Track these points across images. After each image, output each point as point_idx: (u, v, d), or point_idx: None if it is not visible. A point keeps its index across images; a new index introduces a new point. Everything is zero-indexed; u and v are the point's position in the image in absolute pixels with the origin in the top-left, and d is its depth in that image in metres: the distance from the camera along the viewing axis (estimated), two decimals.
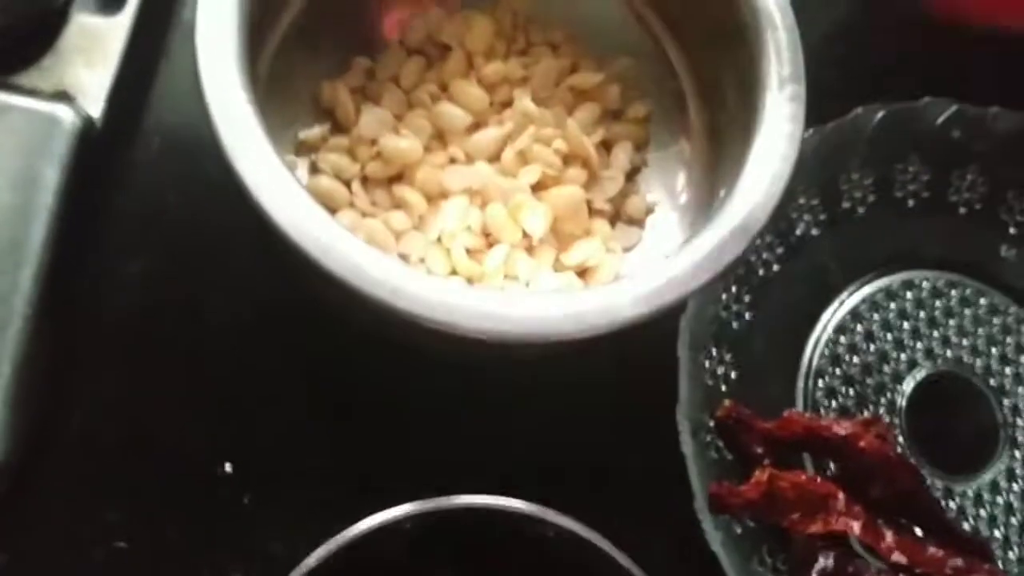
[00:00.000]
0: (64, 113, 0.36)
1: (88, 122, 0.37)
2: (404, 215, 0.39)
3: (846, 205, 0.46)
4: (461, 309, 0.30)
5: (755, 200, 0.33)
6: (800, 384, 0.44)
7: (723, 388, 0.42)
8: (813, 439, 0.39)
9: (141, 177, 0.40)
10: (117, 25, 0.39)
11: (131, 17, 0.39)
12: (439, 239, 0.39)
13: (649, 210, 0.41)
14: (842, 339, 0.45)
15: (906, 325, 0.46)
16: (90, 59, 0.38)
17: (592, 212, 0.41)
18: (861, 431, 0.39)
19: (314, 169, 0.39)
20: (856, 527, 0.37)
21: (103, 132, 0.37)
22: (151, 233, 0.39)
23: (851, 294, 0.46)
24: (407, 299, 0.30)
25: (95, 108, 0.38)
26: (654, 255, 0.40)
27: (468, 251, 0.39)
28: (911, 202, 0.47)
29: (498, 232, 0.39)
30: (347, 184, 0.39)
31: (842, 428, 0.39)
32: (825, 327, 0.45)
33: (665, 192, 0.41)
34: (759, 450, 0.39)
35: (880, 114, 0.45)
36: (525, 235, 0.39)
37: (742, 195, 0.33)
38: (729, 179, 0.34)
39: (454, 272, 0.39)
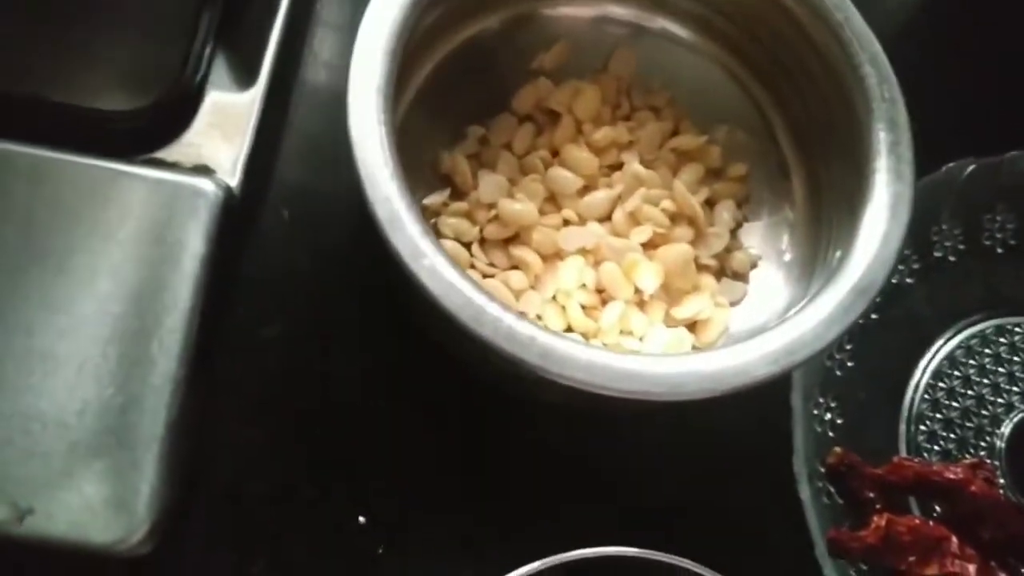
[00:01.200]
0: (206, 185, 0.39)
1: (228, 192, 0.39)
2: (522, 274, 0.41)
3: (938, 254, 0.48)
4: (609, 371, 0.31)
5: (873, 261, 0.35)
6: (902, 429, 0.45)
7: (831, 434, 0.43)
8: (924, 483, 0.41)
9: (271, 245, 0.42)
10: (249, 99, 0.41)
11: (262, 91, 0.41)
12: (555, 297, 0.41)
13: (753, 264, 0.43)
14: (940, 384, 0.46)
15: (1001, 369, 0.47)
16: (226, 133, 0.41)
17: (699, 268, 0.42)
18: (971, 475, 0.40)
19: (436, 233, 0.41)
20: (972, 570, 0.38)
21: (241, 201, 0.40)
22: (284, 299, 0.41)
23: (947, 341, 0.47)
24: (558, 363, 0.31)
25: (233, 179, 0.40)
26: (759, 308, 0.42)
27: (583, 307, 0.41)
28: (1000, 249, 0.49)
29: (612, 289, 0.41)
30: (467, 246, 0.41)
31: (953, 473, 0.40)
32: (924, 373, 0.46)
33: (769, 249, 0.42)
34: (870, 495, 0.41)
35: (970, 168, 0.47)
36: (637, 291, 0.41)
37: (860, 256, 0.35)
38: (842, 240, 0.36)
39: (570, 328, 0.41)
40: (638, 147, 0.43)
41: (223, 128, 0.41)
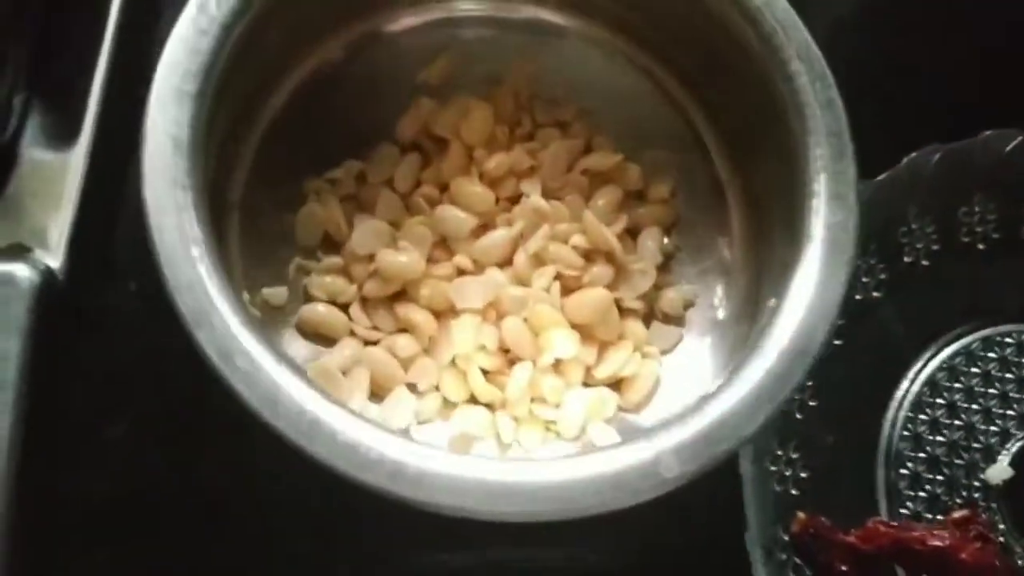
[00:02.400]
0: (19, 271, 0.32)
1: (48, 276, 0.33)
2: (411, 339, 0.35)
3: (908, 259, 0.41)
4: (480, 490, 0.25)
5: (808, 315, 0.28)
6: (880, 474, 0.39)
7: (793, 492, 0.37)
8: (905, 552, 0.34)
9: (116, 325, 0.35)
10: (72, 160, 0.35)
11: (87, 149, 0.35)
12: (454, 361, 0.35)
13: (687, 304, 0.36)
14: (921, 416, 0.39)
15: (993, 390, 0.40)
16: (45, 202, 0.34)
17: (623, 312, 0.36)
18: (961, 540, 0.34)
19: (307, 295, 0.35)
20: None
21: (66, 284, 0.33)
22: (131, 389, 0.35)
23: (925, 363, 0.40)
24: (410, 484, 0.25)
25: (55, 258, 0.34)
26: (696, 359, 0.35)
27: (486, 372, 0.34)
28: (981, 246, 0.42)
29: (518, 348, 0.35)
30: (345, 308, 0.35)
31: (938, 539, 0.34)
32: (900, 405, 0.40)
33: (704, 288, 0.36)
34: (843, 568, 0.34)
35: (937, 156, 0.40)
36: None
37: (793, 309, 0.29)
38: (775, 288, 0.29)
39: (473, 399, 0.34)
40: (541, 173, 0.37)
41: (41, 195, 0.34)
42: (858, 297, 0.40)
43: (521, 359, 0.35)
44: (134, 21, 0.37)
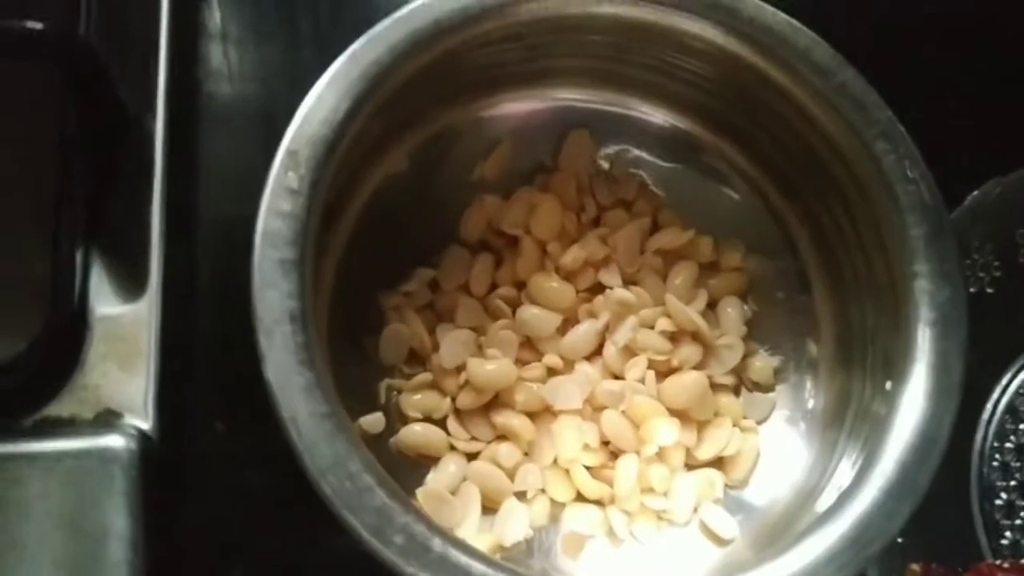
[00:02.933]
0: (115, 442, 0.31)
1: (143, 440, 0.32)
2: (511, 446, 0.34)
3: (973, 290, 0.41)
4: None
5: (935, 396, 0.29)
6: (975, 508, 0.39)
7: (899, 540, 0.37)
8: None
9: (210, 473, 0.35)
10: (144, 311, 0.34)
11: (156, 297, 0.34)
12: (555, 461, 0.34)
13: (777, 371, 0.36)
14: (1007, 444, 0.40)
15: None
16: (124, 360, 0.33)
17: (714, 387, 0.36)
18: None
19: (401, 415, 0.35)
20: None
21: (161, 443, 0.33)
22: (240, 540, 0.34)
23: (1003, 391, 0.41)
24: None
25: (146, 420, 0.33)
26: (792, 424, 0.35)
27: (590, 469, 0.34)
28: None
29: (619, 441, 0.34)
30: (440, 423, 0.35)
31: None
32: (985, 436, 0.40)
33: (789, 399, 0.36)
34: None
35: (998, 190, 0.40)
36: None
37: (915, 393, 0.29)
38: (885, 375, 0.30)
39: (580, 497, 0.34)
40: (616, 258, 0.36)
41: (119, 354, 0.33)
42: None
43: (623, 451, 0.35)
44: (177, 160, 0.36)
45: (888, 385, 0.30)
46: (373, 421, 0.34)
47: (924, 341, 0.29)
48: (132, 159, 0.35)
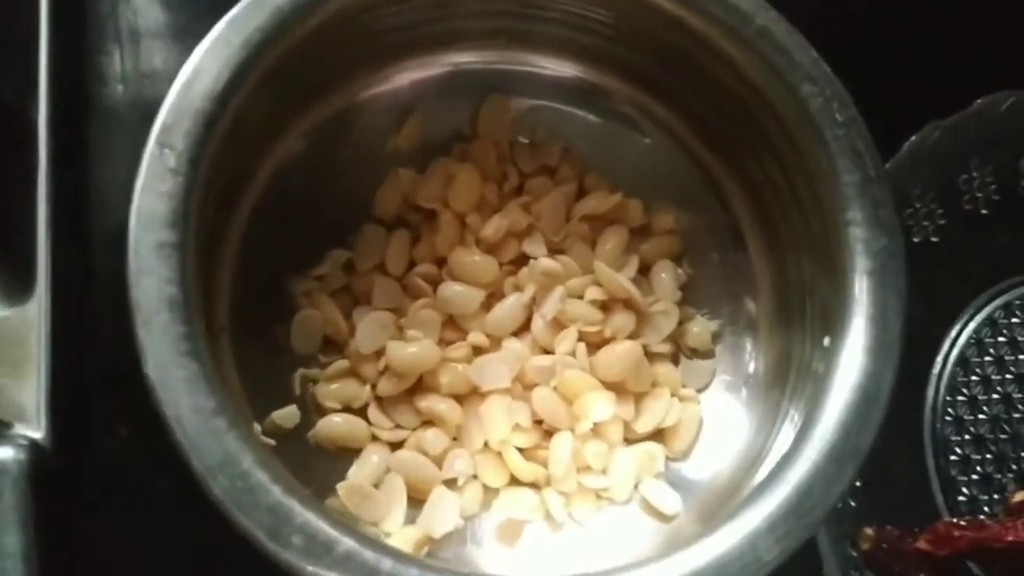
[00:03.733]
0: (4, 453, 0.29)
1: (35, 451, 0.29)
2: (438, 432, 0.32)
3: (916, 239, 0.39)
4: None
5: (874, 349, 0.27)
6: (931, 464, 0.37)
7: (852, 504, 0.35)
8: (979, 551, 0.33)
9: (114, 479, 0.32)
10: (31, 313, 0.31)
11: (45, 298, 0.31)
12: (485, 444, 0.32)
13: (715, 335, 0.35)
14: (959, 398, 0.39)
15: (1023, 355, 0.39)
16: (12, 366, 0.31)
17: (650, 357, 0.34)
18: None
19: (318, 407, 0.32)
20: None
21: (55, 452, 0.30)
22: (151, 545, 0.32)
23: (953, 343, 0.39)
24: None
25: (38, 428, 0.30)
26: (732, 395, 0.34)
27: (523, 451, 0.32)
28: (984, 211, 0.41)
29: (553, 420, 0.33)
30: (361, 412, 0.32)
31: (1012, 532, 0.33)
32: (937, 391, 0.39)
33: (729, 363, 0.34)
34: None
35: (1010, 101, 0.39)
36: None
37: (855, 345, 0.27)
38: (823, 330, 0.28)
39: (514, 481, 0.32)
40: (541, 227, 0.34)
41: (7, 360, 0.31)
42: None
43: (557, 429, 0.33)
44: (65, 155, 0.33)
45: (826, 341, 0.28)
46: (287, 415, 0.32)
47: (861, 293, 0.27)
48: (13, 154, 0.33)
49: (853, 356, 0.27)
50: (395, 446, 0.33)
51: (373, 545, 0.24)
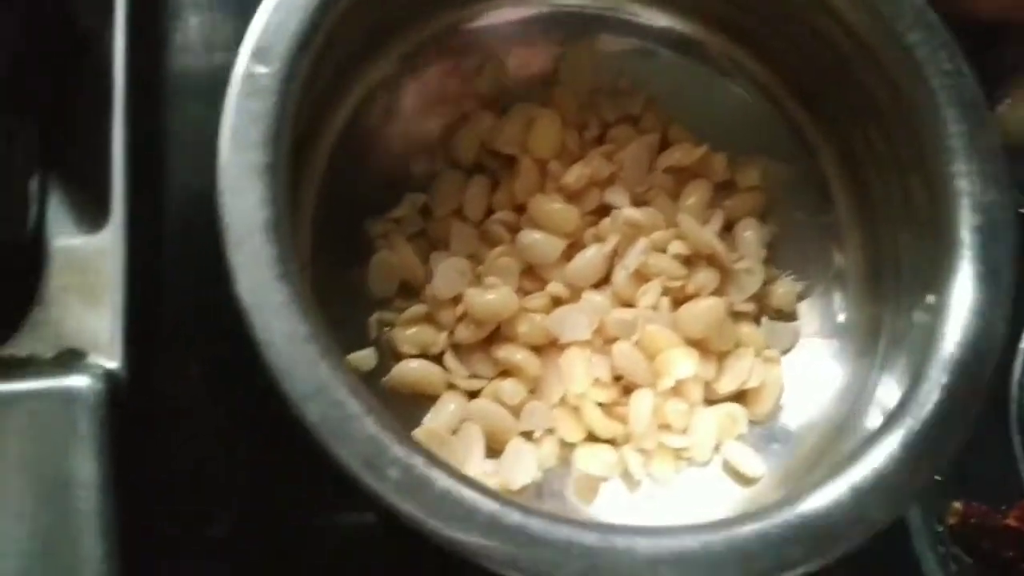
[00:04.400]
0: (79, 382, 0.28)
1: (110, 380, 0.29)
2: (515, 382, 0.31)
3: None
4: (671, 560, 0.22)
5: (982, 306, 0.26)
6: (1016, 445, 0.36)
7: (937, 478, 0.34)
8: None
9: (187, 417, 0.32)
10: (107, 242, 0.30)
11: (120, 227, 0.31)
12: (563, 399, 0.31)
13: (801, 296, 0.33)
14: None
15: None
16: (87, 294, 0.30)
17: (733, 316, 0.33)
18: None
19: (394, 351, 0.31)
20: None
21: (130, 383, 0.29)
22: (223, 484, 0.31)
23: None
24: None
25: (113, 358, 0.29)
26: (818, 357, 0.33)
27: (601, 406, 0.31)
28: None
29: (632, 375, 0.32)
30: (438, 359, 0.32)
31: None
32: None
33: (816, 314, 0.33)
34: (1009, 554, 0.32)
35: None
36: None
37: (962, 301, 0.26)
38: (925, 289, 0.27)
39: (591, 436, 0.31)
40: (622, 177, 0.33)
41: (82, 288, 0.30)
42: None
43: (637, 386, 0.32)
44: (141, 80, 0.32)
45: (930, 299, 0.27)
46: (364, 357, 0.31)
47: (968, 248, 0.26)
48: (90, 80, 0.32)
49: (960, 314, 0.26)
50: (471, 395, 0.32)
51: (472, 484, 0.23)
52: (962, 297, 0.26)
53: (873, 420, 0.29)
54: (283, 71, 0.25)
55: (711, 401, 0.32)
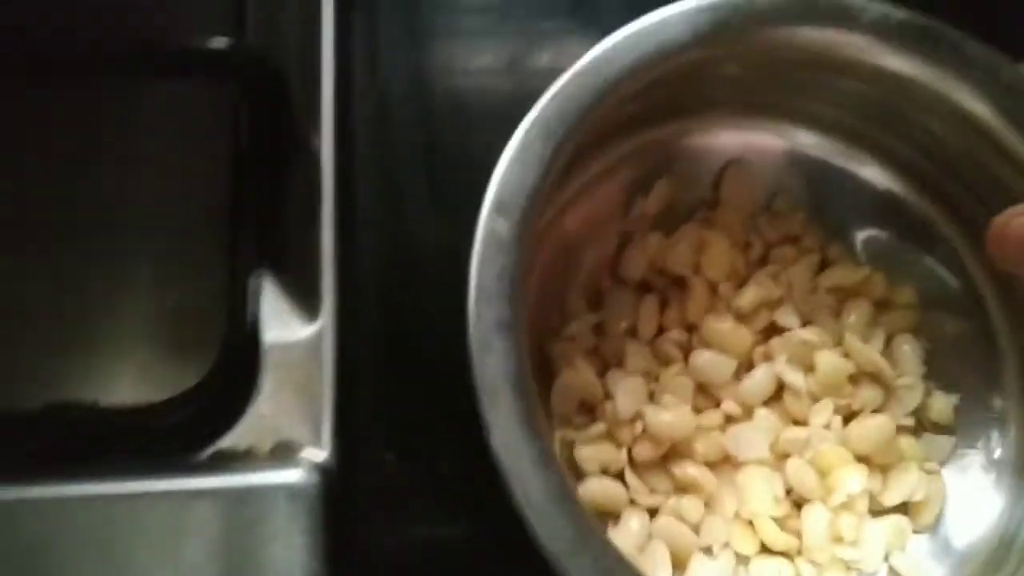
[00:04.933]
0: (294, 477, 0.29)
1: (322, 475, 0.30)
2: (694, 499, 0.33)
3: None
4: None
5: None
6: None
7: None
8: None
9: (385, 505, 0.33)
10: (318, 338, 0.32)
11: (332, 323, 0.32)
12: (736, 513, 0.33)
13: (956, 409, 0.35)
14: None
15: None
16: (300, 389, 0.31)
17: (895, 431, 0.34)
18: None
19: (575, 471, 0.33)
20: None
21: (340, 478, 0.31)
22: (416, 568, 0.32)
23: None
24: None
25: (322, 451, 0.31)
26: (977, 467, 0.34)
27: (774, 519, 0.33)
28: None
29: (806, 491, 0.33)
30: (616, 475, 0.33)
31: None
32: None
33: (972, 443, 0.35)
34: None
35: None
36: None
37: None
38: None
39: (765, 549, 0.33)
40: (790, 297, 0.35)
41: (294, 382, 0.31)
42: None
43: (806, 500, 0.33)
44: (347, 181, 0.34)
45: None
46: None
47: None
48: (301, 179, 0.33)
49: None
50: (650, 511, 0.33)
51: None
52: None
53: None
54: (520, 227, 0.26)
55: (875, 512, 0.34)
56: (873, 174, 0.37)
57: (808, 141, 0.37)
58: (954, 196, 0.35)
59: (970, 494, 0.34)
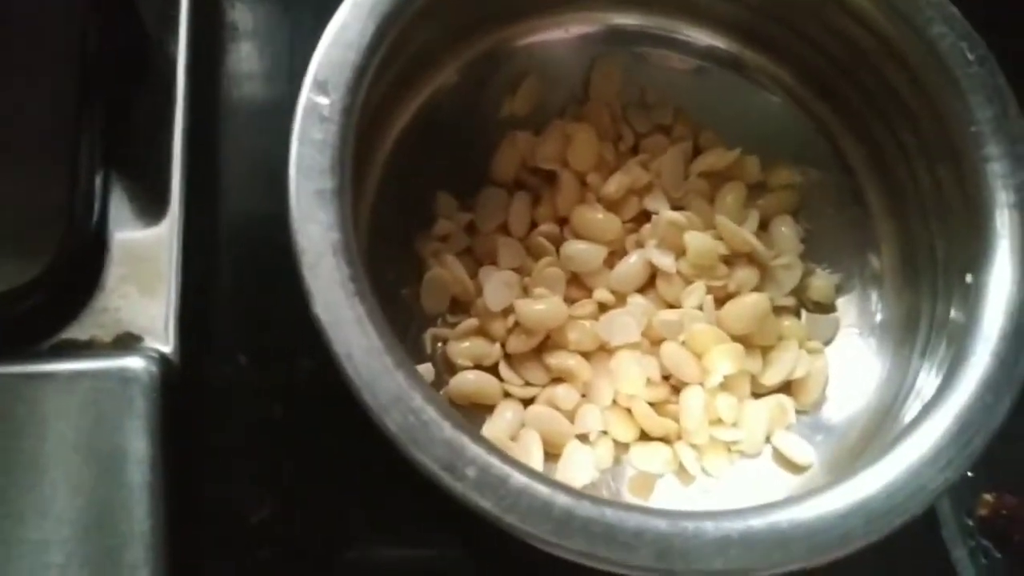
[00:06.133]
0: (135, 363, 0.30)
1: (164, 364, 0.30)
2: (569, 387, 0.32)
3: None
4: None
5: (1017, 302, 0.27)
6: None
7: (969, 474, 0.35)
8: None
9: (233, 403, 0.33)
10: (165, 234, 0.32)
11: (178, 220, 0.32)
12: (615, 400, 0.33)
13: (838, 287, 0.35)
14: None
15: None
16: (144, 282, 0.32)
17: (775, 311, 0.34)
18: None
19: (449, 365, 0.33)
20: None
21: (183, 369, 0.31)
22: (267, 469, 0.32)
23: None
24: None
25: (166, 343, 0.31)
26: (852, 392, 0.34)
27: (652, 405, 0.32)
28: None
29: (682, 374, 0.33)
30: (492, 370, 0.33)
31: None
32: None
33: (854, 314, 0.35)
34: None
35: None
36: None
37: (1001, 280, 0.27)
38: (964, 270, 0.28)
39: (643, 435, 0.33)
40: (661, 183, 0.35)
41: (139, 277, 0.32)
42: None
43: (685, 384, 0.33)
44: (199, 84, 0.34)
45: (968, 278, 0.28)
46: (422, 372, 0.32)
47: (1004, 226, 0.27)
48: (153, 82, 0.34)
49: (1000, 289, 0.27)
50: (526, 403, 0.33)
51: (546, 480, 0.24)
52: (1001, 275, 0.27)
53: (914, 407, 0.29)
54: (341, 102, 0.26)
55: (757, 394, 0.34)
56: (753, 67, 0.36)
57: (685, 35, 0.36)
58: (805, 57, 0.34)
59: (854, 367, 0.34)
